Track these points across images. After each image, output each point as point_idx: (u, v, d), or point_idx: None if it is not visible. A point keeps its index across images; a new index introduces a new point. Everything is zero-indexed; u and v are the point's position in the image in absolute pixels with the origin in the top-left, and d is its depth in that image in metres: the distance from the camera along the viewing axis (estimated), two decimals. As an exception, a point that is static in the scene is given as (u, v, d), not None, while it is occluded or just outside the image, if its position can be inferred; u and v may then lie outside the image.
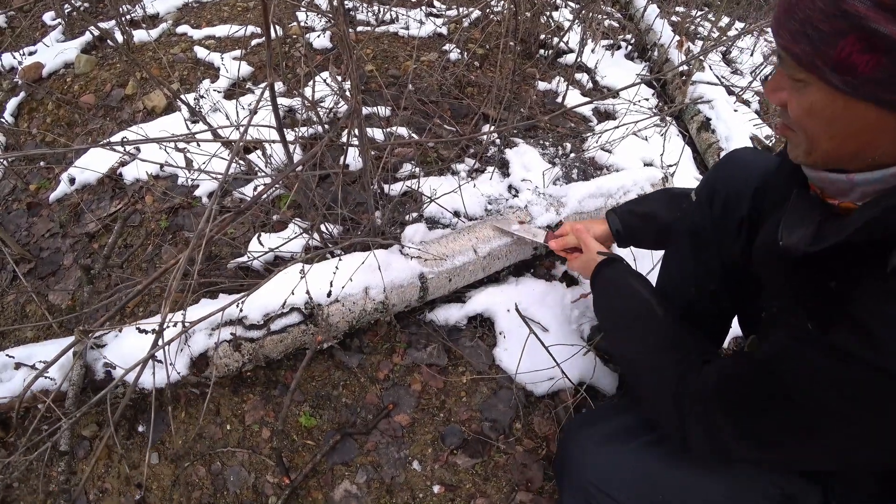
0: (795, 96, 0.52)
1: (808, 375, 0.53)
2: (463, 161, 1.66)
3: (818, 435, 0.54)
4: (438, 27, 2.18)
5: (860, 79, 0.45)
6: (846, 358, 0.49)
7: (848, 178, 0.53)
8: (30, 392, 1.03)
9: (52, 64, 2.06)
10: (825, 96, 0.49)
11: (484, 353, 1.27)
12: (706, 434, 0.64)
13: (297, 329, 1.11)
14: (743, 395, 0.61)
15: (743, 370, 0.63)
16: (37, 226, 1.66)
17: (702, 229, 0.90)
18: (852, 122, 0.49)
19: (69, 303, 1.43)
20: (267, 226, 1.45)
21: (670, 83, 2.23)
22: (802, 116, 0.52)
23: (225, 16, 2.27)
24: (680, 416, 0.67)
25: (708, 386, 0.65)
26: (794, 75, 0.51)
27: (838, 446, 0.53)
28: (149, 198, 1.62)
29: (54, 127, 1.93)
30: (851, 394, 0.49)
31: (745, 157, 0.88)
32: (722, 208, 0.87)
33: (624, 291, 0.92)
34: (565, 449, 0.87)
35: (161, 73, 1.94)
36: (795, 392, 0.54)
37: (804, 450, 0.57)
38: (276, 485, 1.09)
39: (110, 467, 1.14)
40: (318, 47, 2.02)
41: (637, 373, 0.81)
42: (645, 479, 0.78)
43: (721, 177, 0.88)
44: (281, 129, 0.94)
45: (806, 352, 0.53)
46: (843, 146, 0.52)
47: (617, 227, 1.13)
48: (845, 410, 0.50)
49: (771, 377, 0.57)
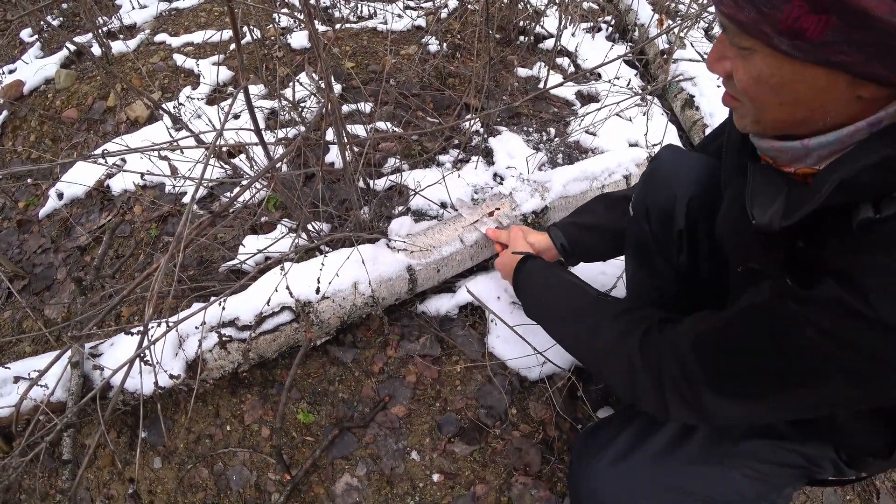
0: (742, 64, 0.51)
1: (792, 325, 0.51)
2: (447, 152, 1.67)
3: (801, 383, 0.53)
4: (414, 20, 2.18)
5: (809, 42, 0.44)
6: (830, 307, 0.48)
7: (803, 144, 0.53)
8: (31, 403, 1.04)
9: (32, 81, 2.06)
10: (773, 62, 0.48)
11: (476, 341, 1.29)
12: (683, 398, 0.62)
13: (289, 327, 1.13)
14: (722, 347, 0.59)
15: (722, 323, 0.60)
16: (28, 242, 1.67)
17: (645, 243, 0.89)
18: (802, 87, 0.48)
19: (65, 315, 1.45)
20: (255, 228, 1.45)
21: (652, 62, 2.23)
22: (750, 85, 0.51)
23: (202, 21, 2.27)
24: (654, 381, 0.64)
25: (682, 344, 0.62)
26: (739, 43, 0.50)
27: (822, 394, 0.53)
28: (137, 208, 1.62)
29: (39, 143, 1.93)
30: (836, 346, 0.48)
31: (669, 167, 0.85)
32: (658, 223, 0.85)
33: (552, 280, 0.91)
34: (579, 480, 0.82)
35: (141, 83, 1.94)
36: (778, 343, 0.53)
37: (786, 400, 0.55)
38: (278, 482, 1.11)
39: (115, 474, 1.16)
40: (298, 47, 2.02)
41: (592, 354, 0.78)
42: (668, 486, 0.75)
43: (650, 192, 0.86)
44: (258, 131, 0.95)
45: (789, 304, 0.52)
46: (794, 112, 0.51)
47: (561, 242, 1.09)
48: (830, 358, 0.49)
49: (753, 328, 0.56)
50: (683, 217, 0.81)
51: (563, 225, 1.11)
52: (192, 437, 1.17)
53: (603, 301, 0.82)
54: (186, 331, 1.09)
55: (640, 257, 0.93)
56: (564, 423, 1.18)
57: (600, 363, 0.75)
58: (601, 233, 1.05)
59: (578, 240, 1.08)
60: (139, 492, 1.12)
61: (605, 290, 1.35)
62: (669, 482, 0.75)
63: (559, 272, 0.94)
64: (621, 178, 1.53)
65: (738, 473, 0.75)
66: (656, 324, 0.68)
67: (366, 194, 1.44)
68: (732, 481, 0.75)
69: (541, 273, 0.97)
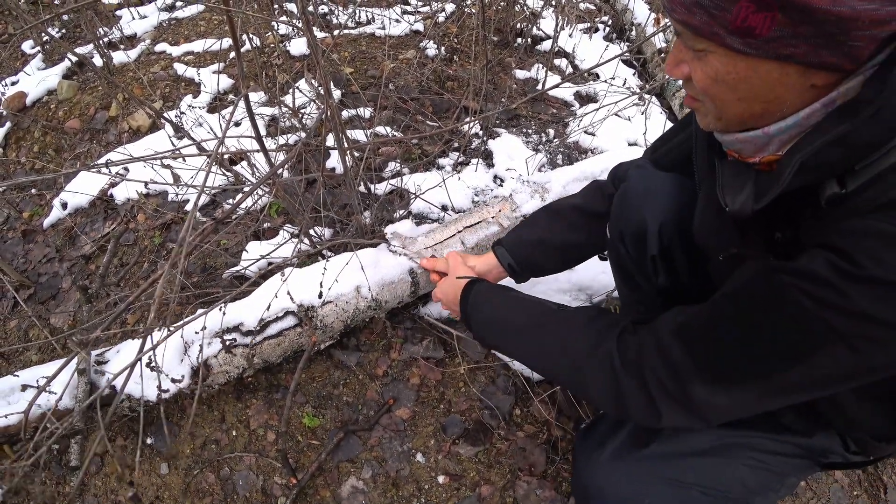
0: (699, 66, 0.53)
1: (783, 296, 0.50)
2: (447, 155, 1.68)
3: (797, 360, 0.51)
4: (411, 24, 2.19)
5: (759, 39, 0.47)
6: (818, 274, 0.48)
7: (764, 132, 0.54)
8: (39, 411, 1.05)
9: (35, 92, 2.08)
10: (728, 61, 0.50)
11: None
12: (670, 394, 0.59)
13: (293, 332, 1.13)
14: (710, 332, 0.57)
15: (707, 307, 0.59)
16: (33, 252, 1.69)
17: (622, 264, 0.90)
18: (757, 81, 0.50)
19: (70, 323, 1.46)
20: (258, 234, 1.47)
21: (650, 61, 2.24)
22: (708, 85, 0.53)
23: (202, 30, 2.29)
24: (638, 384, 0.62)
25: (665, 334, 0.60)
26: (694, 46, 0.52)
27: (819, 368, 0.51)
28: (141, 216, 1.64)
29: (42, 154, 1.95)
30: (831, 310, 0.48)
31: (638, 192, 0.84)
32: (633, 247, 0.85)
33: (506, 300, 0.87)
34: (581, 479, 0.81)
35: (143, 92, 1.95)
36: (770, 316, 0.52)
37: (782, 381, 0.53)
38: (284, 486, 1.11)
39: (122, 481, 1.16)
40: (297, 54, 2.03)
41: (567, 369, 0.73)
42: (676, 476, 0.74)
43: (622, 216, 0.86)
44: (259, 138, 0.96)
45: (777, 276, 0.51)
46: (752, 106, 0.53)
47: (508, 261, 1.05)
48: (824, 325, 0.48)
49: (742, 306, 0.55)
50: (656, 242, 0.81)
51: (509, 242, 1.06)
52: (199, 443, 1.18)
53: (566, 312, 0.79)
54: (192, 337, 1.10)
55: (622, 276, 0.93)
56: (568, 423, 1.18)
57: (577, 377, 0.71)
58: (545, 248, 1.02)
59: (526, 256, 1.04)
60: (143, 497, 1.13)
61: (607, 289, 1.35)
62: (672, 474, 0.75)
63: (511, 291, 0.90)
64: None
65: (741, 464, 0.75)
66: (629, 325, 0.67)
67: (367, 199, 1.45)
68: (735, 471, 0.75)
69: (492, 294, 0.91)
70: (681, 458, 0.75)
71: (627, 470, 0.76)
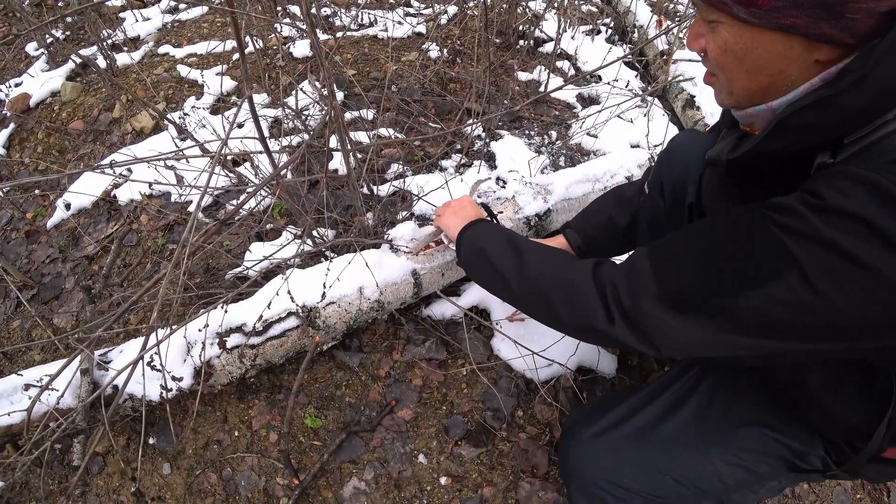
0: (712, 38, 0.56)
1: (753, 223, 0.52)
2: (450, 157, 1.68)
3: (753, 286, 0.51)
4: (414, 26, 2.20)
5: (761, 9, 0.49)
6: (790, 206, 0.50)
7: (768, 106, 0.57)
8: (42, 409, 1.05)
9: (38, 93, 2.09)
10: (735, 31, 0.53)
11: (482, 344, 1.29)
12: (625, 300, 0.60)
13: (295, 333, 1.13)
14: (676, 249, 0.59)
15: (681, 230, 0.61)
16: (36, 252, 1.69)
17: (658, 220, 0.91)
18: (762, 53, 0.53)
19: (73, 323, 1.46)
20: (261, 235, 1.47)
21: (652, 63, 2.24)
22: (719, 56, 0.56)
23: (205, 32, 2.29)
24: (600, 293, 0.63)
25: (636, 254, 0.63)
26: (707, 17, 0.56)
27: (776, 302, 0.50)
28: (144, 217, 1.64)
29: (46, 155, 1.96)
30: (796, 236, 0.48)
31: (684, 142, 0.89)
32: (671, 198, 0.88)
33: (500, 234, 0.86)
34: (567, 454, 0.84)
35: (146, 94, 1.96)
36: (737, 238, 0.53)
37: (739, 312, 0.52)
38: (286, 486, 1.11)
39: (124, 480, 1.17)
40: (300, 56, 2.04)
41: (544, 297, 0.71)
42: (652, 461, 0.76)
43: (665, 166, 0.89)
44: (263, 139, 0.96)
45: (750, 206, 0.54)
46: (758, 79, 0.55)
47: (578, 244, 1.08)
48: (787, 253, 0.49)
49: (714, 228, 0.57)
50: (695, 190, 0.84)
51: (577, 224, 1.10)
52: (201, 443, 1.18)
53: (553, 248, 0.79)
54: (194, 337, 1.10)
55: (656, 236, 0.94)
56: (571, 425, 1.18)
57: (543, 291, 0.71)
58: (612, 228, 1.04)
59: (592, 237, 1.07)
60: (145, 495, 1.13)
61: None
62: (649, 459, 0.76)
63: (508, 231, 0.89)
64: (623, 180, 1.54)
65: (720, 459, 0.75)
66: (609, 260, 0.69)
67: (369, 200, 1.46)
68: (713, 466, 0.75)
69: (488, 229, 0.90)
70: (659, 445, 0.77)
71: (605, 448, 0.79)
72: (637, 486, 0.75)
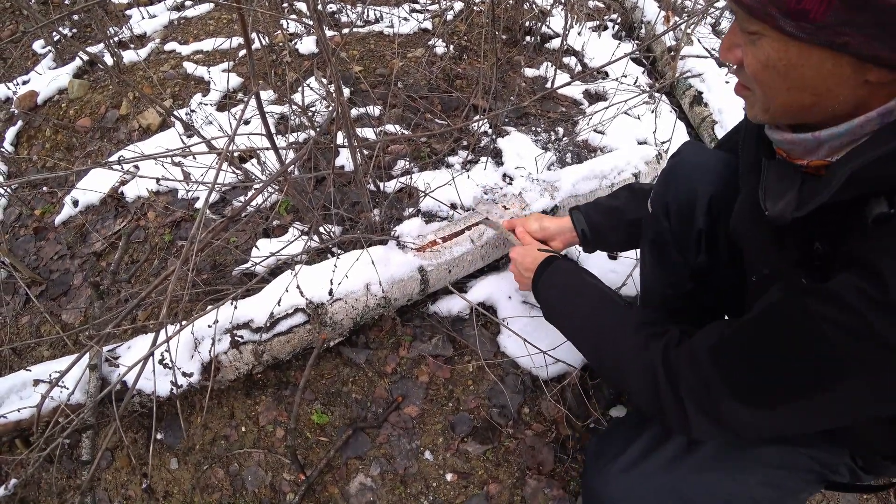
0: (751, 50, 0.52)
1: (808, 323, 0.50)
2: (456, 153, 1.67)
3: (821, 388, 0.51)
4: (420, 22, 2.19)
5: (813, 24, 0.45)
6: (846, 298, 0.46)
7: (814, 136, 0.53)
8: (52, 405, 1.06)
9: (46, 91, 2.10)
10: (780, 46, 0.49)
11: (488, 340, 1.29)
12: (702, 408, 0.60)
13: (302, 329, 1.14)
14: (739, 353, 0.57)
15: (737, 328, 0.59)
16: (45, 249, 1.70)
17: (663, 240, 0.88)
18: (809, 70, 0.48)
19: (81, 320, 1.47)
20: (268, 231, 1.47)
21: (659, 59, 2.22)
22: (759, 70, 0.52)
23: (211, 29, 2.30)
24: (675, 395, 0.63)
25: (699, 352, 0.61)
26: (747, 28, 0.51)
27: (844, 396, 0.50)
28: (151, 213, 1.65)
29: (54, 152, 1.97)
30: (855, 340, 0.46)
31: (690, 164, 0.84)
32: (677, 219, 0.84)
33: (575, 283, 0.89)
34: (591, 488, 0.82)
35: (153, 91, 1.97)
36: (795, 344, 0.51)
37: (808, 406, 0.53)
38: (292, 482, 1.12)
39: (133, 475, 1.17)
40: (306, 53, 2.04)
41: (614, 368, 0.76)
42: (683, 491, 0.74)
43: (670, 189, 0.85)
44: (270, 136, 0.96)
45: (804, 301, 0.50)
46: (801, 98, 0.51)
47: (582, 227, 1.07)
48: (849, 354, 0.47)
49: (769, 330, 0.54)
50: (704, 216, 0.80)
51: (586, 209, 1.08)
52: (208, 439, 1.19)
53: (622, 310, 0.80)
54: (202, 333, 1.11)
55: (657, 254, 0.92)
56: (577, 422, 1.17)
57: (621, 377, 0.74)
58: (619, 217, 1.02)
59: (597, 223, 1.06)
60: (155, 490, 1.14)
61: (615, 287, 1.35)
62: (681, 490, 0.74)
63: (582, 273, 0.92)
64: (630, 177, 1.53)
65: (752, 479, 0.74)
66: (676, 336, 0.67)
67: (376, 196, 1.45)
68: (746, 487, 0.74)
69: (564, 274, 0.93)
70: (691, 473, 0.75)
71: (637, 483, 0.76)
72: None
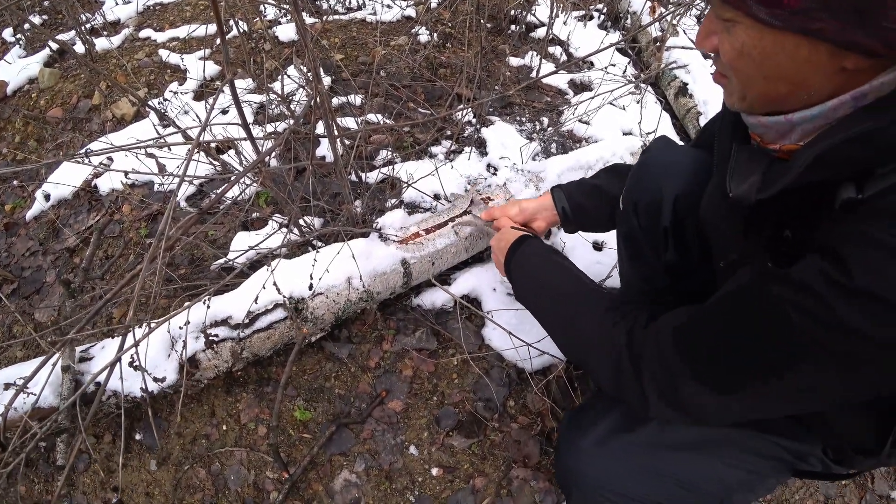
0: (726, 38, 0.51)
1: (772, 307, 0.49)
2: (440, 143, 1.65)
3: (783, 372, 0.50)
4: (403, 10, 2.15)
5: (787, 10, 0.44)
6: (810, 283, 0.46)
7: (787, 118, 0.52)
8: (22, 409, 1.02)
9: (15, 81, 2.02)
10: (754, 33, 0.48)
11: (473, 333, 1.28)
12: (664, 389, 0.60)
13: (283, 325, 1.11)
14: (703, 334, 0.57)
15: (702, 310, 0.58)
16: (16, 246, 1.64)
17: (634, 236, 0.88)
18: (784, 58, 0.48)
19: (54, 318, 1.42)
20: (246, 224, 1.43)
21: (645, 50, 2.21)
22: (734, 58, 0.51)
23: (188, 16, 2.22)
24: (636, 375, 0.63)
25: (663, 334, 0.61)
26: (722, 15, 0.50)
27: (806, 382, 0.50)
28: (126, 207, 1.60)
29: (24, 144, 1.90)
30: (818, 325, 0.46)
31: (658, 161, 0.84)
32: (646, 217, 0.84)
33: (548, 265, 0.88)
34: (565, 465, 0.82)
35: (127, 79, 1.90)
36: (759, 326, 0.51)
37: (769, 391, 0.53)
38: (276, 480, 1.10)
39: (110, 479, 1.14)
40: (286, 40, 1.98)
41: (578, 345, 0.77)
42: (655, 466, 0.75)
43: (638, 186, 0.85)
44: (245, 125, 0.93)
45: (769, 284, 0.50)
46: (777, 86, 0.50)
47: (563, 205, 1.06)
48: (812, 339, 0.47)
49: (733, 312, 0.54)
50: (670, 214, 0.80)
51: (567, 187, 1.07)
52: (189, 438, 1.16)
53: (595, 291, 0.80)
54: (179, 332, 1.08)
55: (630, 249, 0.92)
56: (562, 414, 1.17)
57: (586, 358, 0.74)
58: (602, 198, 1.01)
59: (579, 203, 1.04)
60: (133, 494, 1.11)
61: (600, 279, 1.34)
62: (651, 464, 0.75)
63: (555, 255, 0.91)
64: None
65: (720, 462, 0.75)
66: (644, 318, 0.67)
67: (358, 187, 1.43)
68: (713, 469, 0.75)
69: (536, 255, 0.93)
70: (662, 450, 0.76)
71: (609, 457, 0.77)
72: (641, 491, 0.74)
